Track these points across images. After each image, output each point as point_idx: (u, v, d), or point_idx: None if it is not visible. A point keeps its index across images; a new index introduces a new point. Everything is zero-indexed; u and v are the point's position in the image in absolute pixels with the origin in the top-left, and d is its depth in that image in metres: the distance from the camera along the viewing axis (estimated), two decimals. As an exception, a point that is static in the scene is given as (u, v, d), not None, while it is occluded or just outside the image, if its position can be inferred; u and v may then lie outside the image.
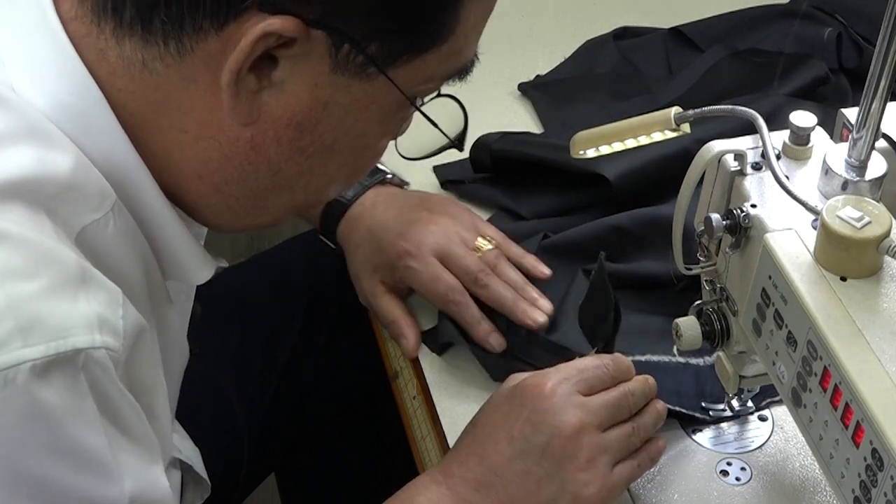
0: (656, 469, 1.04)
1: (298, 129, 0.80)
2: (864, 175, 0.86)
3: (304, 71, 0.78)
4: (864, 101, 0.83)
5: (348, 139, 0.83)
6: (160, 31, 0.77)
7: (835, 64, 1.42)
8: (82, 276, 0.73)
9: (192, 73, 0.78)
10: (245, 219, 0.88)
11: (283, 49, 0.76)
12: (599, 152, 0.98)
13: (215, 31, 0.76)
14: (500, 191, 1.31)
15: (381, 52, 0.78)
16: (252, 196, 0.85)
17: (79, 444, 0.72)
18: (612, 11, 1.60)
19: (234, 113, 0.79)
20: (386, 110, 0.82)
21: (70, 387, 0.71)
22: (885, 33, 0.80)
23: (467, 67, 0.86)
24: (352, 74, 0.78)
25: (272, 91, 0.78)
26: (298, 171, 0.83)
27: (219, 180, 0.83)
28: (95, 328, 0.72)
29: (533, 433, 0.95)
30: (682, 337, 0.98)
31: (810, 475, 1.03)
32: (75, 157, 0.77)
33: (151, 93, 0.79)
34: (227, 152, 0.81)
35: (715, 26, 1.53)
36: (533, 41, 1.57)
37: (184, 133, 0.80)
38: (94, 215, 0.78)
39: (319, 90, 0.79)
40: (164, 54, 0.77)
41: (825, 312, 0.80)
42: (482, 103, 1.45)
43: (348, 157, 0.85)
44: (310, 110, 0.79)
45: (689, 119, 0.93)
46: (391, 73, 0.79)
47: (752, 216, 0.88)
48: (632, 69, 1.50)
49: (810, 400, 0.82)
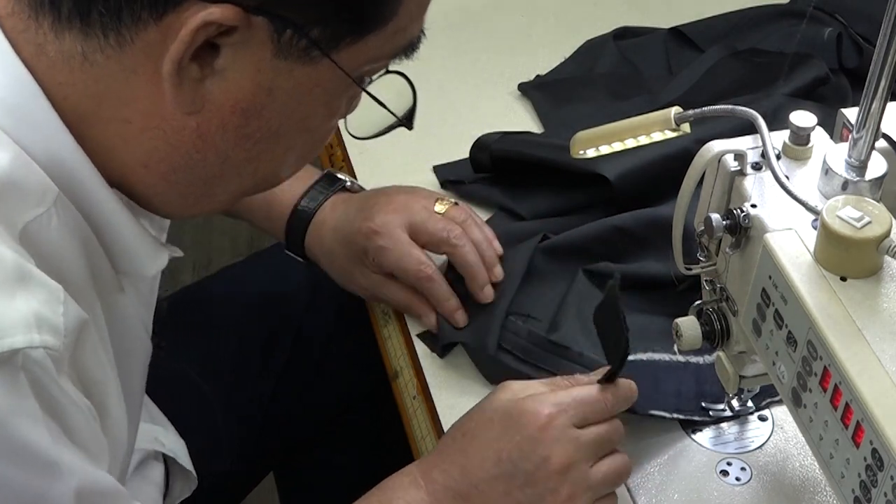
0: (656, 469, 1.04)
1: (244, 116, 0.80)
2: (864, 175, 0.86)
3: (246, 58, 0.78)
4: (864, 101, 0.83)
5: (294, 123, 0.83)
6: (99, 23, 0.76)
7: (835, 64, 1.42)
8: (20, 275, 0.73)
9: (132, 64, 0.78)
10: (195, 206, 0.88)
11: (224, 37, 0.76)
12: (599, 152, 0.98)
13: (154, 22, 0.76)
14: (499, 191, 1.31)
15: (324, 35, 0.78)
16: (201, 184, 0.85)
17: (22, 442, 0.72)
18: (612, 11, 1.60)
19: (178, 102, 0.78)
20: (331, 92, 0.83)
21: (10, 386, 0.71)
22: (885, 33, 0.80)
23: (414, 44, 0.85)
24: (295, 59, 0.78)
25: (215, 79, 0.78)
26: (246, 157, 0.83)
27: (166, 169, 0.83)
28: (34, 328, 0.72)
29: (521, 459, 0.95)
30: (682, 337, 0.98)
31: (810, 475, 1.03)
32: (13, 153, 0.77)
33: (93, 85, 0.79)
34: (173, 142, 0.81)
35: (715, 26, 1.53)
36: (533, 41, 1.57)
37: (127, 124, 0.80)
38: (35, 211, 0.78)
39: (262, 76, 0.79)
40: (104, 46, 0.77)
41: (825, 312, 0.80)
42: (482, 103, 1.46)
43: (296, 141, 0.85)
44: (254, 96, 0.80)
45: (689, 119, 0.93)
46: (335, 55, 0.79)
47: (752, 216, 0.88)
48: (632, 69, 1.50)
49: (810, 400, 0.82)
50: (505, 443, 0.95)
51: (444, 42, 1.55)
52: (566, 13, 1.62)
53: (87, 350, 0.78)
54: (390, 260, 1.16)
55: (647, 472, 1.04)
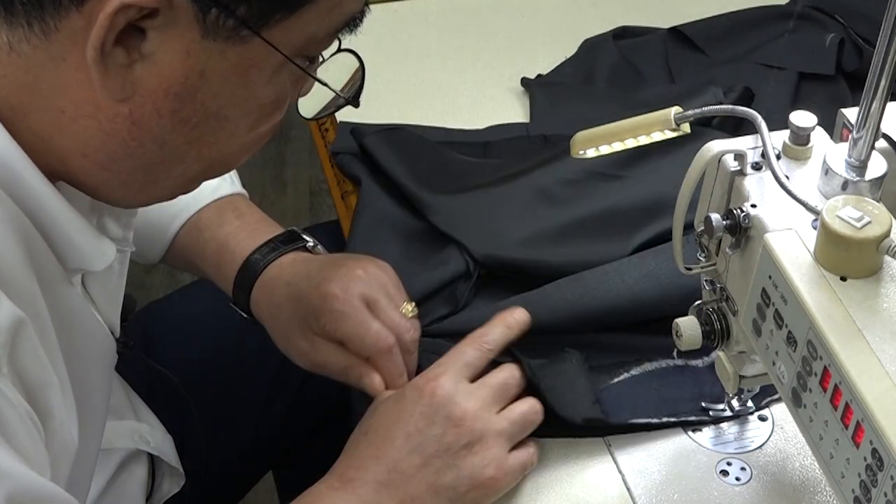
0: (656, 469, 1.04)
1: (177, 100, 0.79)
2: (864, 175, 0.86)
3: (173, 40, 0.76)
4: (864, 101, 0.83)
5: (235, 104, 0.81)
6: (21, 12, 0.75)
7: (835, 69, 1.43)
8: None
9: (60, 52, 0.76)
10: (141, 194, 0.86)
11: (148, 20, 0.75)
12: (599, 152, 0.98)
13: (76, 8, 0.74)
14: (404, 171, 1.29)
15: (251, 13, 0.77)
16: (142, 171, 0.83)
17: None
18: (612, 11, 1.61)
19: (107, 89, 0.77)
20: (269, 72, 0.81)
21: None
22: (885, 33, 0.80)
23: (355, 20, 0.84)
24: (224, 39, 0.77)
25: (144, 64, 0.77)
26: (186, 141, 0.82)
27: (104, 158, 0.81)
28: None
29: (426, 426, 0.97)
30: (682, 337, 0.98)
31: (810, 475, 1.03)
32: None
33: (22, 75, 0.78)
34: (108, 130, 0.80)
35: (715, 26, 1.53)
36: (533, 41, 1.57)
37: (61, 113, 0.79)
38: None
39: (193, 58, 0.77)
40: (30, 35, 0.76)
41: (825, 312, 0.80)
42: (482, 103, 1.46)
43: (241, 123, 0.83)
44: (185, 79, 0.78)
45: (689, 119, 0.93)
46: (266, 34, 0.78)
47: (752, 216, 0.88)
48: (631, 69, 1.50)
49: (810, 400, 0.82)
50: (408, 417, 0.98)
51: (444, 42, 1.55)
52: (566, 13, 1.62)
53: (25, 350, 0.77)
54: (346, 327, 1.06)
55: (647, 472, 1.04)
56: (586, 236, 1.21)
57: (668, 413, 1.08)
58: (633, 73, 1.49)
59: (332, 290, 1.06)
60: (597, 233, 1.21)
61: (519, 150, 1.37)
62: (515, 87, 1.48)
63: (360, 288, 1.07)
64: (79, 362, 0.88)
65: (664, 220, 1.14)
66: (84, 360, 0.91)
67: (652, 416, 1.07)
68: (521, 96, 1.47)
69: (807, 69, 1.43)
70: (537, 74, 1.49)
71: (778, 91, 1.40)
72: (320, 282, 1.08)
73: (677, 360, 1.11)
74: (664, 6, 1.61)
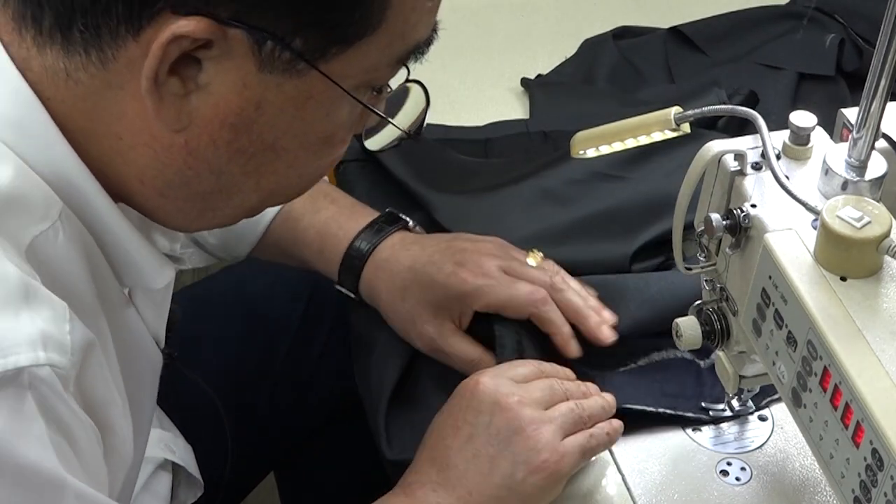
0: (656, 469, 1.04)
1: (233, 131, 0.78)
2: (864, 175, 0.86)
3: (229, 71, 0.75)
4: (864, 102, 0.83)
5: (292, 136, 0.80)
6: (79, 40, 0.75)
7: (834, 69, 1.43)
8: (25, 293, 0.72)
9: (118, 81, 0.76)
10: (199, 220, 0.86)
11: (203, 50, 0.74)
12: (599, 152, 0.98)
13: (132, 38, 0.74)
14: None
15: (308, 46, 0.75)
16: (199, 198, 0.83)
17: (28, 465, 0.70)
18: (612, 11, 1.61)
19: (162, 119, 0.76)
20: (328, 105, 0.80)
21: (16, 407, 0.69)
22: (885, 33, 0.80)
23: (420, 48, 0.82)
24: (281, 72, 0.76)
25: (200, 94, 0.76)
26: (242, 171, 0.81)
27: (161, 185, 0.81)
28: (39, 345, 0.71)
29: (476, 416, 0.97)
30: (682, 337, 0.98)
31: (810, 475, 1.03)
32: (15, 166, 0.75)
33: (80, 102, 0.77)
34: (164, 159, 0.79)
35: (715, 26, 1.53)
36: (533, 41, 1.57)
37: (119, 139, 0.79)
38: (41, 226, 0.76)
39: (249, 90, 0.76)
40: (87, 64, 0.76)
41: (825, 312, 0.80)
42: (482, 103, 1.46)
43: (300, 155, 0.82)
44: (241, 111, 0.77)
45: (689, 119, 0.93)
46: (324, 66, 0.77)
47: (752, 216, 0.88)
48: (631, 69, 1.50)
49: (810, 400, 0.82)
50: (456, 413, 0.98)
51: (444, 42, 1.54)
52: (566, 13, 1.62)
53: (93, 370, 0.77)
54: (495, 295, 1.09)
55: (647, 472, 1.04)
56: (589, 236, 1.22)
57: (667, 406, 1.08)
58: (633, 73, 1.49)
59: (469, 271, 1.10)
60: (599, 232, 1.22)
61: (520, 146, 1.37)
62: (515, 87, 1.48)
63: (492, 261, 1.11)
64: (134, 378, 0.89)
65: (667, 220, 1.15)
66: (137, 375, 0.92)
67: (650, 405, 1.07)
68: (520, 96, 1.47)
69: (806, 69, 1.44)
70: (537, 74, 1.49)
71: (778, 91, 1.40)
72: (453, 268, 1.11)
73: (685, 353, 1.11)
74: (664, 6, 1.61)
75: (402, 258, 1.14)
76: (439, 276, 1.11)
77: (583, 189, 1.26)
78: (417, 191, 1.26)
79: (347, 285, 1.17)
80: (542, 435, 0.97)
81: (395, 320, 1.15)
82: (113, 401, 0.81)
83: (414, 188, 1.26)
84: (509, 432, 0.96)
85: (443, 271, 1.11)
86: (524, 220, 1.22)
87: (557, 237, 1.21)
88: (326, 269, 1.18)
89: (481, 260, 1.11)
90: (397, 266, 1.14)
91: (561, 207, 1.24)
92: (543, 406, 0.99)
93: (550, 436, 0.97)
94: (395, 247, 1.15)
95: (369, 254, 1.15)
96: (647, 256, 1.21)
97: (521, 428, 0.96)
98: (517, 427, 0.96)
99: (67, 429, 0.73)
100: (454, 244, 1.14)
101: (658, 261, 1.20)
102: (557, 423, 0.98)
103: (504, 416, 0.97)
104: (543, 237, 1.21)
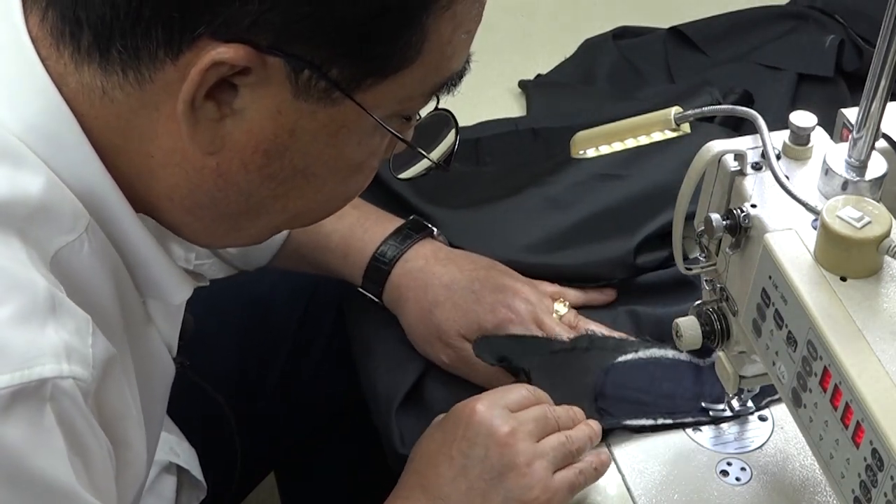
0: (656, 469, 1.04)
1: (266, 157, 0.79)
2: (864, 175, 0.86)
3: (265, 98, 0.76)
4: (864, 102, 0.83)
5: (323, 163, 0.81)
6: (118, 60, 0.75)
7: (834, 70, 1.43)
8: (51, 304, 0.72)
9: (153, 101, 0.76)
10: (224, 239, 0.87)
11: (241, 76, 0.74)
12: (599, 152, 0.98)
13: (171, 61, 0.74)
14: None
15: (344, 76, 0.76)
16: (227, 219, 0.83)
17: (45, 480, 0.70)
18: (612, 11, 1.61)
19: (195, 142, 0.77)
20: (360, 134, 0.80)
21: (35, 420, 0.69)
22: (885, 33, 0.80)
23: (454, 80, 0.83)
24: (316, 100, 0.76)
25: (234, 119, 0.76)
26: (272, 195, 0.82)
27: (190, 204, 0.81)
28: (63, 357, 0.71)
29: (470, 448, 0.97)
30: (682, 337, 0.98)
31: (810, 475, 1.03)
32: (46, 177, 0.76)
33: (114, 120, 0.78)
34: (194, 180, 0.80)
35: (715, 26, 1.53)
36: (533, 41, 1.57)
37: (150, 158, 0.79)
38: (67, 237, 0.77)
39: (284, 117, 0.77)
40: (124, 83, 0.76)
41: (825, 312, 0.80)
42: (482, 103, 1.46)
43: (329, 181, 0.83)
44: (275, 137, 0.78)
45: (689, 119, 0.93)
46: (358, 96, 0.77)
47: (752, 216, 0.88)
48: (631, 69, 1.50)
49: (810, 400, 0.82)
50: (450, 442, 0.98)
51: (444, 42, 1.55)
52: (566, 13, 1.62)
53: (112, 385, 0.77)
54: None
55: (647, 472, 1.04)
56: (591, 237, 1.22)
57: (667, 411, 1.08)
58: (633, 73, 1.49)
59: (508, 314, 1.13)
60: (602, 232, 1.22)
61: (510, 145, 1.37)
62: (514, 88, 1.48)
63: (526, 306, 1.14)
64: (149, 390, 0.89)
65: (668, 212, 1.15)
66: (152, 387, 0.92)
67: (649, 416, 1.07)
68: (519, 97, 1.47)
69: (806, 70, 1.44)
70: (537, 74, 1.49)
71: (777, 91, 1.40)
72: (494, 303, 1.14)
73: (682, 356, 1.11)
74: (664, 6, 1.61)
75: (438, 273, 1.16)
76: (477, 307, 1.14)
77: (582, 191, 1.26)
78: (418, 206, 1.26)
79: (371, 290, 1.18)
80: (535, 472, 0.98)
81: (417, 330, 1.16)
82: (129, 415, 0.81)
83: (415, 204, 1.26)
84: (503, 467, 0.97)
85: (481, 302, 1.14)
86: (527, 229, 1.23)
87: (560, 242, 1.22)
88: (350, 274, 1.19)
89: (516, 302, 1.14)
90: (432, 279, 1.16)
91: (562, 212, 1.24)
92: (536, 438, 1.00)
93: (542, 472, 0.98)
94: (428, 258, 1.17)
95: (396, 260, 1.17)
96: (651, 249, 1.21)
97: (515, 464, 0.97)
98: (511, 462, 0.97)
99: (84, 444, 0.73)
100: (493, 276, 1.16)
101: (664, 254, 1.20)
102: (549, 458, 0.99)
103: (499, 450, 0.97)
104: (546, 243, 1.22)
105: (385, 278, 1.17)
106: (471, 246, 1.21)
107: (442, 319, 1.14)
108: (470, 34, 0.82)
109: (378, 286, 1.17)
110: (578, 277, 1.20)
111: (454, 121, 0.91)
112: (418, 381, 1.15)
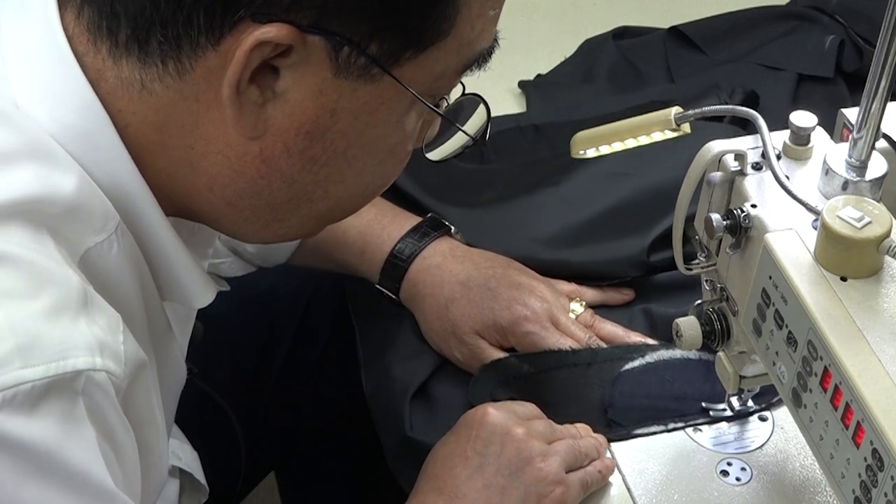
0: (656, 469, 1.04)
1: (308, 139, 0.79)
2: (864, 175, 0.86)
3: (306, 78, 0.77)
4: (865, 102, 0.83)
5: (363, 144, 0.82)
6: (158, 51, 0.76)
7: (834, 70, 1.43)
8: (84, 300, 0.72)
9: (193, 92, 0.77)
10: (264, 231, 0.86)
11: (282, 58, 0.75)
12: (599, 152, 0.98)
13: (213, 47, 0.75)
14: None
15: (382, 51, 0.77)
16: (268, 209, 0.84)
17: (78, 470, 0.70)
18: (612, 11, 1.61)
19: (240, 127, 0.77)
20: (399, 112, 0.81)
21: (68, 412, 0.70)
22: (885, 33, 0.80)
23: (484, 56, 0.85)
24: (356, 77, 0.77)
25: (277, 102, 0.77)
26: (314, 180, 0.82)
27: (231, 194, 0.82)
28: (96, 351, 0.71)
29: (485, 446, 0.97)
30: (682, 337, 0.98)
31: (810, 475, 1.03)
32: (79, 177, 0.76)
33: (153, 115, 0.78)
34: (237, 167, 0.80)
35: (715, 26, 1.53)
36: (533, 41, 1.57)
37: (190, 149, 0.79)
38: (97, 237, 0.77)
39: (325, 97, 0.78)
40: (163, 75, 0.76)
41: (825, 312, 0.80)
42: (482, 103, 1.46)
43: (367, 164, 0.83)
44: (317, 118, 0.78)
45: (689, 119, 0.93)
46: (396, 72, 0.78)
47: (753, 216, 0.88)
48: (631, 69, 1.50)
49: (810, 400, 0.82)
50: (464, 443, 0.98)
51: (444, 42, 1.55)
52: (566, 13, 1.62)
53: (140, 390, 0.77)
54: (545, 344, 1.13)
55: (647, 472, 1.04)
56: (604, 234, 1.22)
57: (676, 415, 1.08)
58: (633, 73, 1.49)
59: (524, 312, 1.14)
60: (614, 229, 1.22)
61: (514, 143, 1.37)
62: (514, 88, 1.48)
63: (542, 304, 1.14)
64: (167, 396, 0.90)
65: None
66: (169, 394, 0.93)
67: (660, 422, 1.08)
68: (519, 97, 1.48)
69: (806, 70, 1.44)
70: (537, 74, 1.49)
71: (778, 91, 1.40)
72: (510, 301, 1.14)
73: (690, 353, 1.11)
74: (664, 6, 1.61)
75: (455, 270, 1.16)
76: (493, 303, 1.14)
77: (595, 189, 1.26)
78: (429, 206, 1.26)
79: (388, 287, 1.19)
80: (551, 466, 0.98)
81: (433, 327, 1.17)
82: (154, 421, 0.82)
83: (426, 203, 1.26)
84: (520, 462, 0.97)
85: (497, 299, 1.14)
86: (539, 225, 1.24)
87: (574, 239, 1.22)
88: (368, 271, 1.20)
89: (532, 300, 1.14)
90: (449, 276, 1.16)
91: (575, 209, 1.24)
92: (546, 441, 1.00)
93: (557, 467, 0.98)
94: (445, 255, 1.18)
95: (413, 257, 1.17)
96: (665, 247, 1.20)
97: (531, 459, 0.98)
98: (527, 458, 0.98)
99: (115, 438, 0.74)
100: (509, 274, 1.16)
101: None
102: (561, 455, 1.00)
103: (514, 446, 0.98)
104: (560, 239, 1.22)
105: (402, 275, 1.17)
106: (484, 244, 1.21)
107: (457, 315, 1.14)
108: (496, 11, 0.83)
109: (395, 283, 1.18)
110: (593, 275, 1.20)
111: (483, 101, 0.92)
112: (431, 374, 1.15)
